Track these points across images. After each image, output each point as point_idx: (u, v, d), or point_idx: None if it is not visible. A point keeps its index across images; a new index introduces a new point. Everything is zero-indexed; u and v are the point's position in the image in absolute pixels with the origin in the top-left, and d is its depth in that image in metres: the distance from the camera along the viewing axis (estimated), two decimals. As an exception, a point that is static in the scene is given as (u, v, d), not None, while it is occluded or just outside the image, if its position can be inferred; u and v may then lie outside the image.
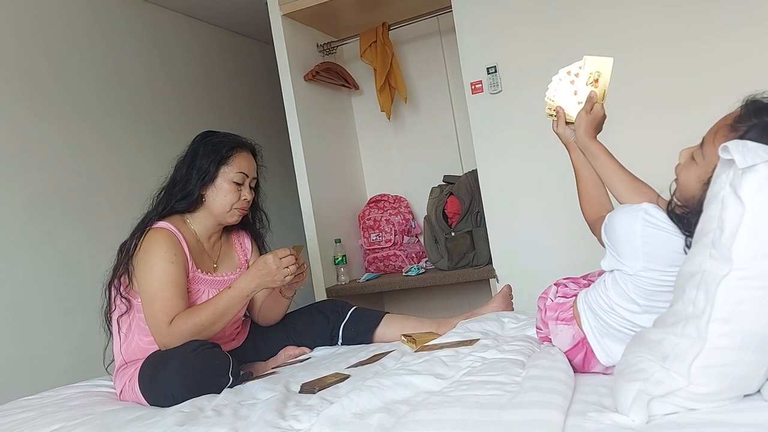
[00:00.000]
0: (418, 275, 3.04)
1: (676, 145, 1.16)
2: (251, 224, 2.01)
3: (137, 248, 1.73)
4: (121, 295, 1.75)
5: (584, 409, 1.02)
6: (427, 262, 3.24)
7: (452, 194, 3.04)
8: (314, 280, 3.09)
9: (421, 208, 3.34)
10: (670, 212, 1.11)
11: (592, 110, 1.40)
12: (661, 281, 1.13)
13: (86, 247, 2.88)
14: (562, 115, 1.45)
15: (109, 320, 1.81)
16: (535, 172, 2.65)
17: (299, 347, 1.98)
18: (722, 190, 0.93)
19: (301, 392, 1.44)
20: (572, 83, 1.44)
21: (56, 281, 2.75)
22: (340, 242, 3.20)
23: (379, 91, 3.22)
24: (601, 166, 1.37)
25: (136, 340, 1.75)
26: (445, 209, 3.04)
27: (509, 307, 1.95)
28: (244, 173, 1.84)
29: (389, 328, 1.94)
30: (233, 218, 1.86)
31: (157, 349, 1.69)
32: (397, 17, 3.18)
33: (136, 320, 1.75)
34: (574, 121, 1.43)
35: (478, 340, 1.53)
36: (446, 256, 2.99)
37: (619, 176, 1.34)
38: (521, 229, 2.70)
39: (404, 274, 3.12)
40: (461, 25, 2.74)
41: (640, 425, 0.93)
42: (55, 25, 2.95)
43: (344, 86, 3.46)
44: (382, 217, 3.33)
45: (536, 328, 1.47)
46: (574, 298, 1.35)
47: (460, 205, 3.00)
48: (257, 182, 1.93)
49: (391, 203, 3.41)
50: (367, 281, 3.13)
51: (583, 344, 1.28)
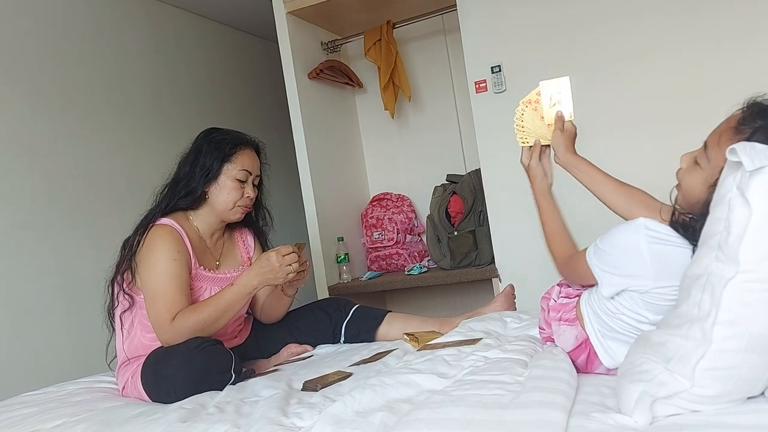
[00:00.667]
0: (420, 274, 3.04)
1: (677, 151, 1.15)
2: (254, 222, 2.01)
3: (140, 245, 1.73)
4: (123, 291, 1.75)
5: (587, 409, 1.02)
6: (429, 261, 3.23)
7: (455, 193, 3.04)
8: (316, 278, 3.09)
9: (424, 207, 3.34)
10: (673, 223, 1.10)
11: (564, 128, 1.42)
12: (673, 296, 1.09)
13: (88, 244, 2.88)
14: (538, 145, 1.46)
15: (111, 316, 1.81)
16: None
17: (301, 345, 1.98)
18: (729, 192, 0.92)
19: (303, 390, 1.44)
20: (535, 110, 1.46)
21: (59, 278, 2.75)
22: (342, 240, 3.20)
23: (383, 89, 3.21)
24: (588, 178, 1.38)
25: (138, 336, 1.75)
26: (448, 208, 3.04)
27: (512, 306, 1.95)
28: (247, 171, 1.84)
29: (391, 326, 1.93)
30: (236, 216, 1.86)
31: (159, 345, 1.69)
32: (401, 16, 3.17)
33: (138, 317, 1.75)
34: (550, 143, 1.45)
35: (480, 339, 1.53)
36: (449, 255, 2.99)
37: (608, 186, 1.35)
38: (524, 228, 2.68)
39: (406, 273, 3.11)
40: (466, 23, 2.74)
41: (642, 426, 0.92)
42: (56, 22, 2.95)
43: (348, 84, 3.46)
44: (384, 215, 3.32)
45: (539, 328, 1.47)
46: (577, 298, 1.35)
47: (463, 204, 2.99)
48: (260, 180, 1.92)
49: (394, 202, 3.41)
50: (369, 280, 3.13)
51: (586, 345, 1.28)
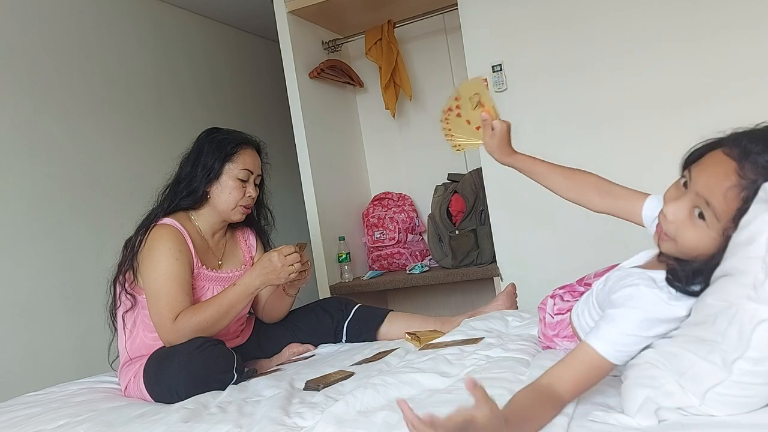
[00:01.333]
0: (421, 273, 3.04)
1: (679, 145, 1.13)
2: (256, 221, 2.01)
3: (142, 245, 1.73)
4: (126, 291, 1.75)
5: (589, 409, 1.02)
6: (431, 260, 3.23)
7: (456, 192, 3.04)
8: (318, 277, 3.09)
9: (425, 206, 3.34)
10: (671, 281, 1.00)
11: (494, 130, 1.38)
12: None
13: (91, 243, 2.88)
14: (477, 145, 1.43)
15: (113, 316, 1.81)
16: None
17: (303, 344, 1.98)
18: (766, 231, 0.87)
19: (305, 389, 1.45)
20: (459, 116, 1.43)
21: (61, 278, 2.75)
22: (344, 240, 3.20)
23: (384, 88, 3.21)
24: (532, 173, 1.36)
25: (140, 336, 1.75)
26: (449, 207, 3.04)
27: (513, 305, 1.95)
28: (248, 170, 1.84)
29: (393, 325, 1.93)
30: (238, 215, 1.86)
31: (161, 345, 1.70)
32: (402, 15, 3.17)
33: (140, 316, 1.75)
34: (483, 144, 1.41)
35: (482, 338, 1.53)
36: (450, 254, 2.98)
37: (555, 176, 1.33)
38: (525, 227, 2.69)
39: (408, 272, 3.12)
40: (467, 23, 2.74)
41: (645, 426, 0.92)
42: (60, 22, 2.96)
43: (349, 84, 3.46)
44: (386, 214, 3.32)
45: (539, 337, 1.46)
46: (569, 313, 1.32)
47: (464, 203, 2.99)
48: (262, 179, 1.93)
49: (395, 201, 3.40)
50: (370, 279, 3.14)
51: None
